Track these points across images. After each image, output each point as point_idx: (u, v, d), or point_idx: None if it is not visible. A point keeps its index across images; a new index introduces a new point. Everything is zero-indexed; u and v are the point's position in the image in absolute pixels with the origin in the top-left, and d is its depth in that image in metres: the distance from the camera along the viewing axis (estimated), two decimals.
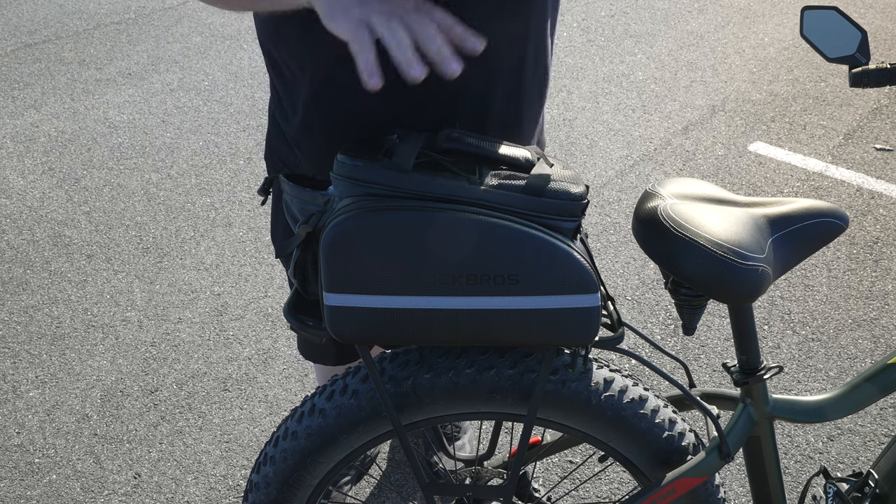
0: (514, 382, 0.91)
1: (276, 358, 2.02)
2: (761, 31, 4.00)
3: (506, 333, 0.81)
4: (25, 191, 2.74)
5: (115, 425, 1.84)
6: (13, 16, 4.21)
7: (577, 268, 0.78)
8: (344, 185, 0.80)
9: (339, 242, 0.76)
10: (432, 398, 0.92)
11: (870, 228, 2.51)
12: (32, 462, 1.75)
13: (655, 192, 1.02)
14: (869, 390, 1.05)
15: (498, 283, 0.78)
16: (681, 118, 3.19)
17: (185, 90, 3.42)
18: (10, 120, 3.19)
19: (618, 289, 2.26)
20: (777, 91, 3.41)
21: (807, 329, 2.11)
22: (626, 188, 2.73)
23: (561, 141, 3.02)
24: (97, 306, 2.20)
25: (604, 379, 0.94)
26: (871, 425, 1.81)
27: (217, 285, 2.28)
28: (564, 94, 3.38)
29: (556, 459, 1.74)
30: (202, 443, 1.80)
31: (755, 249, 0.94)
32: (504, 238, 0.76)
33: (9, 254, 2.42)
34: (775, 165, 2.86)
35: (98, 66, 3.64)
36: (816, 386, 1.93)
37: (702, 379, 1.96)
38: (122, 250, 2.43)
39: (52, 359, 2.03)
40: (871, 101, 3.30)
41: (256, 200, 2.68)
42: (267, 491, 1.00)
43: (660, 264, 0.96)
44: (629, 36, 3.95)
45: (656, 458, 0.98)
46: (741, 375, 1.05)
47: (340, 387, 0.95)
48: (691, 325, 1.04)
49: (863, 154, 2.93)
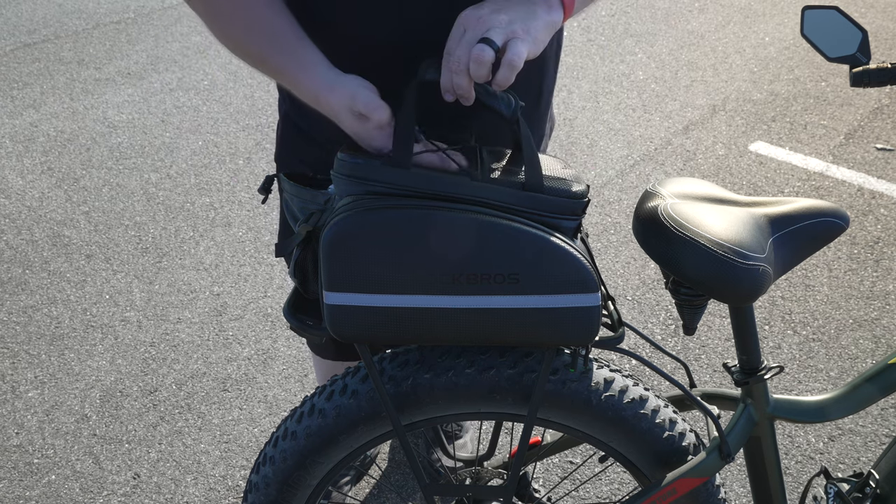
0: (514, 382, 0.91)
1: (276, 358, 2.02)
2: (762, 31, 4.00)
3: (506, 333, 0.80)
4: (24, 191, 2.73)
5: (115, 426, 1.84)
6: (12, 15, 4.20)
7: (577, 267, 0.77)
8: (344, 184, 0.79)
9: (338, 241, 0.76)
10: (432, 398, 0.92)
11: (871, 228, 2.50)
12: (31, 462, 1.75)
13: (656, 191, 1.02)
14: (869, 390, 1.05)
15: (498, 282, 0.77)
16: (681, 118, 3.19)
17: (184, 90, 3.42)
18: (9, 120, 3.19)
19: (618, 289, 2.26)
20: (778, 91, 3.40)
21: (807, 329, 2.10)
22: (626, 188, 2.73)
23: (561, 140, 3.02)
24: (96, 306, 2.20)
25: (604, 379, 0.93)
26: (871, 426, 1.81)
27: (216, 285, 2.28)
28: (565, 93, 3.38)
29: (557, 459, 1.74)
30: (201, 443, 1.79)
31: (756, 249, 0.93)
32: (504, 237, 0.76)
33: (8, 254, 2.42)
34: (776, 165, 2.86)
35: (97, 66, 3.64)
36: (817, 386, 1.93)
37: (702, 379, 1.96)
38: (121, 250, 2.43)
39: (52, 359, 2.03)
40: (872, 101, 3.29)
41: (256, 200, 2.67)
42: (266, 491, 1.00)
43: (660, 264, 0.96)
44: (629, 35, 3.95)
45: (657, 459, 0.97)
46: (742, 375, 1.04)
47: (340, 387, 0.94)
48: (692, 325, 1.03)
49: (864, 154, 2.92)
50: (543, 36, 0.81)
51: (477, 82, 0.78)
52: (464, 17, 0.80)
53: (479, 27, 0.78)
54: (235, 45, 0.87)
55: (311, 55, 0.85)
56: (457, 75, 0.78)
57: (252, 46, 0.86)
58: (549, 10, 0.81)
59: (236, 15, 0.85)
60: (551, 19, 0.82)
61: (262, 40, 0.85)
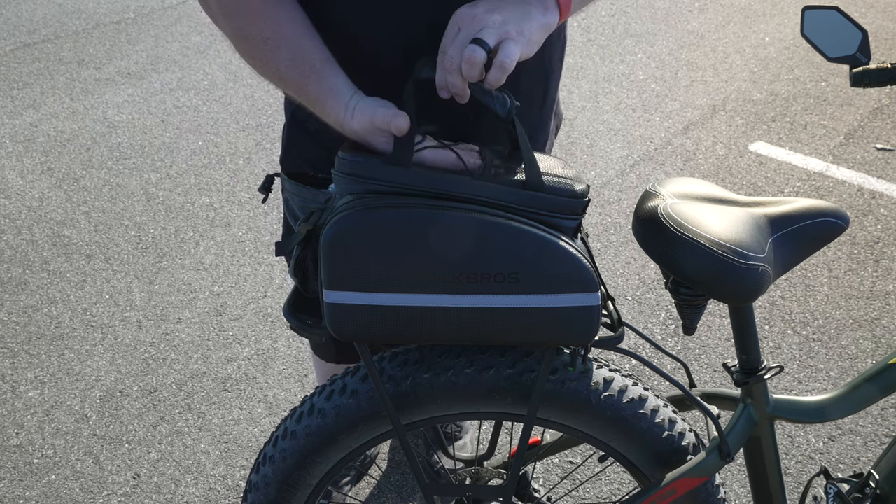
0: (513, 382, 0.91)
1: (276, 358, 2.02)
2: (762, 31, 4.00)
3: (506, 332, 0.80)
4: (24, 191, 2.73)
5: (115, 426, 1.84)
6: (12, 15, 4.20)
7: (577, 267, 0.77)
8: (344, 183, 0.79)
9: (338, 240, 0.76)
10: (432, 398, 0.92)
11: (871, 228, 2.50)
12: (31, 462, 1.75)
13: (656, 191, 1.02)
14: (869, 390, 1.05)
15: (498, 282, 0.77)
16: (681, 118, 3.19)
17: (184, 90, 3.42)
18: (9, 120, 3.19)
19: (618, 289, 2.26)
20: (778, 91, 3.40)
21: (807, 329, 2.10)
22: (626, 188, 2.73)
23: (561, 140, 3.02)
24: (96, 306, 2.20)
25: (604, 379, 0.93)
26: (871, 426, 1.81)
27: (216, 285, 2.28)
28: (565, 93, 3.38)
29: (556, 459, 1.74)
30: (201, 443, 1.79)
31: (755, 249, 0.93)
32: (505, 236, 0.76)
33: (8, 254, 2.42)
34: (776, 165, 2.86)
35: (97, 66, 3.64)
36: (817, 386, 1.93)
37: (702, 379, 1.96)
38: (121, 250, 2.43)
39: (51, 359, 2.03)
40: (872, 101, 3.29)
41: (256, 200, 2.67)
42: (266, 491, 1.00)
43: (660, 264, 0.96)
44: (629, 35, 3.95)
45: (656, 459, 0.97)
46: (742, 375, 1.04)
47: (340, 387, 0.94)
48: (692, 325, 1.03)
49: (864, 154, 2.92)
50: (537, 37, 0.81)
51: (470, 81, 0.78)
52: (458, 16, 0.80)
53: (473, 26, 0.78)
54: (265, 68, 0.87)
55: (334, 79, 0.85)
56: (450, 74, 0.79)
57: (279, 69, 0.86)
58: (544, 12, 0.81)
59: (262, 35, 0.85)
60: (546, 20, 0.82)
61: (287, 63, 0.85)
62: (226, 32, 0.88)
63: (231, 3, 0.85)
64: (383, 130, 0.81)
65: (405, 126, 0.78)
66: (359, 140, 0.84)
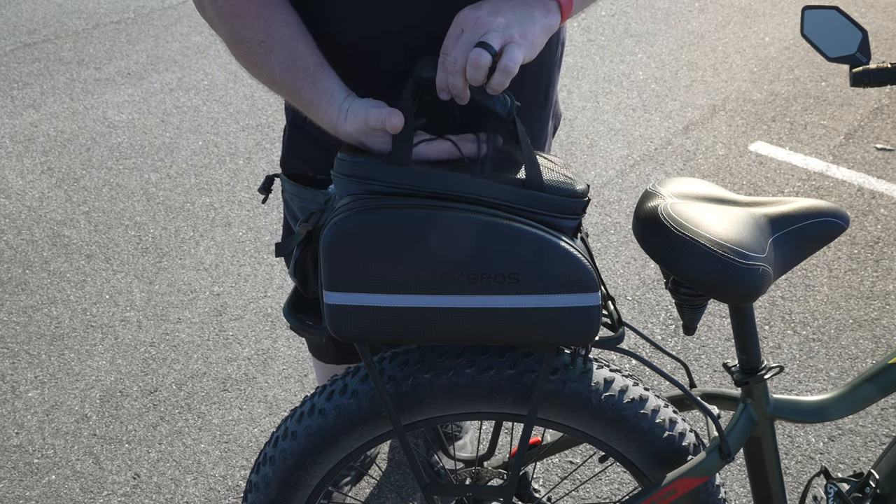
0: (513, 382, 0.91)
1: (276, 358, 2.02)
2: (762, 31, 4.00)
3: (506, 333, 0.80)
4: (24, 191, 2.73)
5: (115, 426, 1.84)
6: (12, 15, 4.20)
7: (577, 267, 0.77)
8: (344, 183, 0.79)
9: (338, 241, 0.76)
10: (432, 398, 0.92)
11: (871, 228, 2.50)
12: (31, 462, 1.75)
13: (656, 191, 1.02)
14: (869, 390, 1.05)
15: (498, 282, 0.77)
16: (681, 118, 3.19)
17: (184, 90, 3.42)
18: (9, 120, 3.19)
19: (618, 289, 2.26)
20: (778, 91, 3.40)
21: (807, 329, 2.10)
22: (626, 188, 2.73)
23: (561, 140, 3.02)
24: (96, 306, 2.20)
25: (604, 379, 0.93)
26: (871, 426, 1.81)
27: (216, 285, 2.28)
28: (565, 93, 3.38)
29: (557, 459, 1.74)
30: (201, 443, 1.79)
31: (756, 249, 0.93)
32: (504, 236, 0.76)
33: (8, 254, 2.42)
34: (776, 165, 2.86)
35: (97, 66, 3.64)
36: (817, 386, 1.93)
37: (702, 379, 1.96)
38: (121, 250, 2.43)
39: (51, 359, 2.03)
40: (872, 101, 3.29)
41: (256, 200, 2.67)
42: (266, 491, 1.00)
43: (660, 264, 0.96)
44: (629, 35, 3.95)
45: (657, 459, 0.97)
46: (742, 375, 1.04)
47: (340, 387, 0.94)
48: (692, 325, 1.03)
49: (864, 154, 2.92)
50: (540, 40, 0.81)
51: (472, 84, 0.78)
52: (461, 18, 0.80)
53: (477, 29, 0.78)
54: (259, 72, 0.88)
55: (327, 82, 0.85)
56: (452, 76, 0.78)
57: (273, 72, 0.86)
58: (546, 14, 0.81)
59: (257, 39, 0.85)
60: (548, 23, 0.82)
61: (281, 66, 0.85)
62: (221, 36, 0.88)
63: (226, 6, 0.85)
64: (378, 130, 0.80)
65: (399, 124, 0.78)
66: (353, 143, 0.84)
